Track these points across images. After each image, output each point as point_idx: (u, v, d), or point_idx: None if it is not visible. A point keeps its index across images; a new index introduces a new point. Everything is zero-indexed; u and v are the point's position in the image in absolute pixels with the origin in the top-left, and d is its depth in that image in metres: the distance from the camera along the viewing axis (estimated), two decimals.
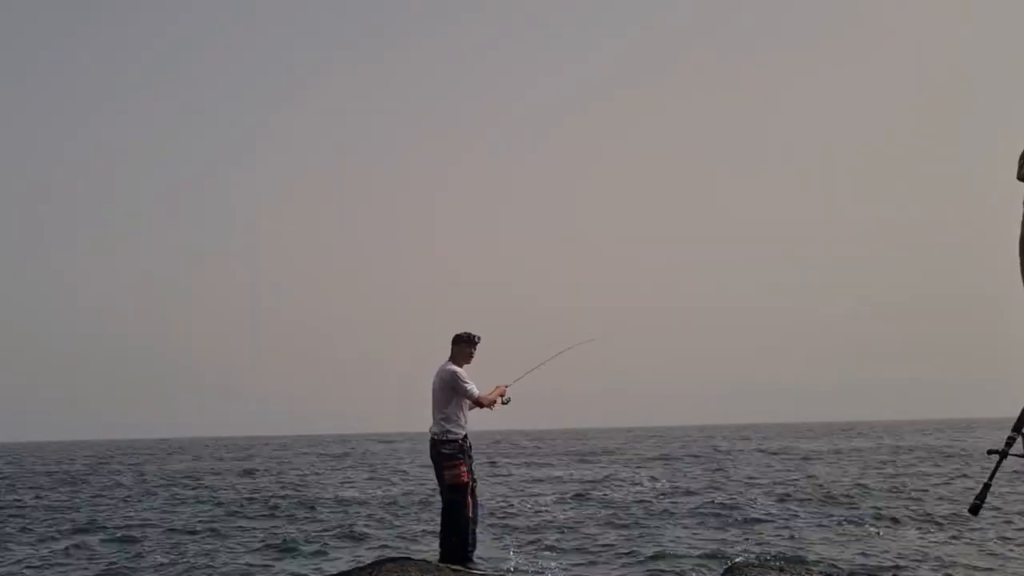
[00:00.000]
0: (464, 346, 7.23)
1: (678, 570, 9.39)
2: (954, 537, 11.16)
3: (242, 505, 17.18)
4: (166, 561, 10.76)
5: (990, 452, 3.71)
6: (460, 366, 7.16)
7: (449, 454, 6.79)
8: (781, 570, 7.34)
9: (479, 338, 7.24)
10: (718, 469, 24.80)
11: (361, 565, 7.77)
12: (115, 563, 10.73)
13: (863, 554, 9.91)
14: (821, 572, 7.49)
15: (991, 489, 3.61)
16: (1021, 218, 3.41)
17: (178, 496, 19.94)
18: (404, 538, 12.24)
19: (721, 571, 8.04)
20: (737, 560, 8.55)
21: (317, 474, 28.16)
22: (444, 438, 6.81)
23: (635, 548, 10.64)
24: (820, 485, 18.34)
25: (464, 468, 6.90)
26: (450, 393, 6.91)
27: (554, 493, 18.19)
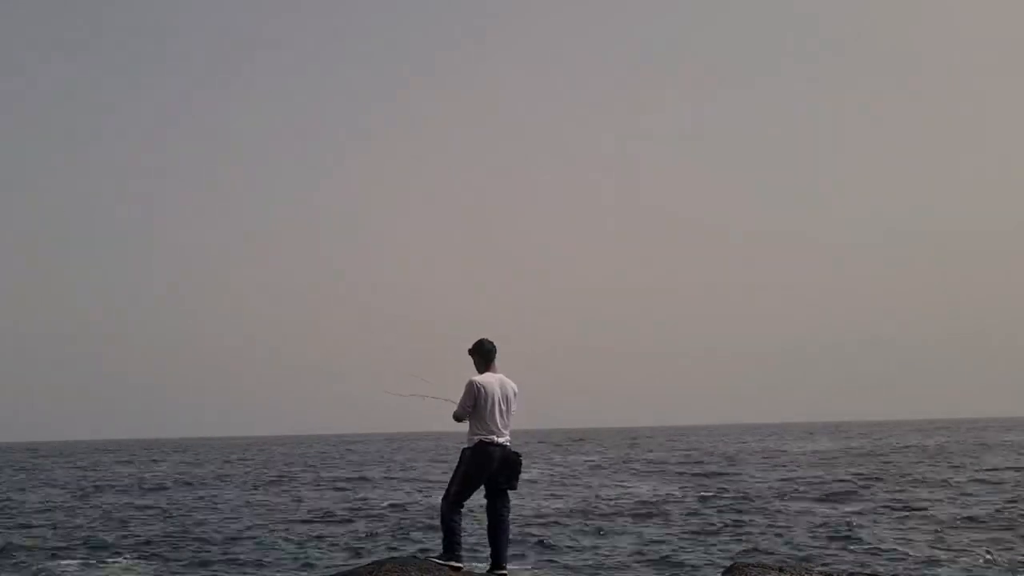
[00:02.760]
0: (473, 354, 7.17)
1: (678, 570, 9.41)
2: None
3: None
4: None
5: None
6: None
7: (522, 463, 7.00)
8: (781, 570, 7.34)
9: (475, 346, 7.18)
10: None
11: (361, 565, 7.78)
12: None
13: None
14: (821, 572, 7.49)
15: None
16: None
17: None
18: (404, 538, 12.25)
19: (721, 572, 8.04)
20: (737, 560, 8.56)
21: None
22: (514, 448, 6.98)
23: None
24: None
25: None
26: (512, 405, 7.04)
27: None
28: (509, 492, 7.00)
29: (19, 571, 10.61)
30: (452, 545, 6.86)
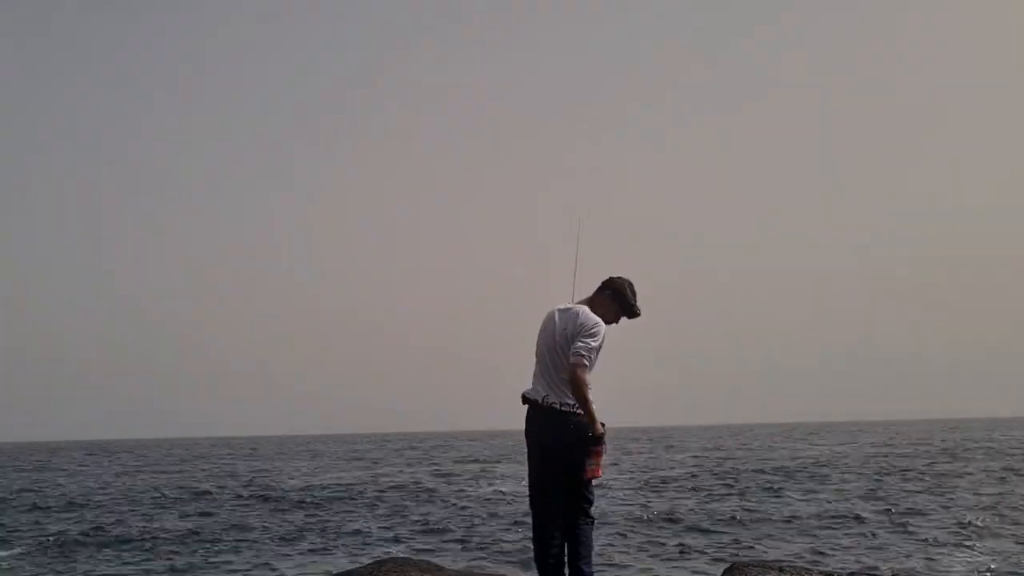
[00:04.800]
0: (612, 298, 4.76)
1: (679, 570, 9.40)
2: None
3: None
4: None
5: None
6: None
7: (593, 435, 4.49)
8: (781, 570, 7.34)
9: (636, 301, 4.79)
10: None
11: (361, 565, 7.78)
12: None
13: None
14: (821, 572, 7.48)
15: None
16: None
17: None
18: (405, 538, 12.24)
19: (720, 572, 8.04)
20: (737, 560, 8.56)
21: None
22: (576, 410, 4.50)
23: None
24: None
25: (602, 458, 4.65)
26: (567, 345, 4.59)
27: None
28: (586, 494, 4.64)
29: None
30: None
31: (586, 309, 4.67)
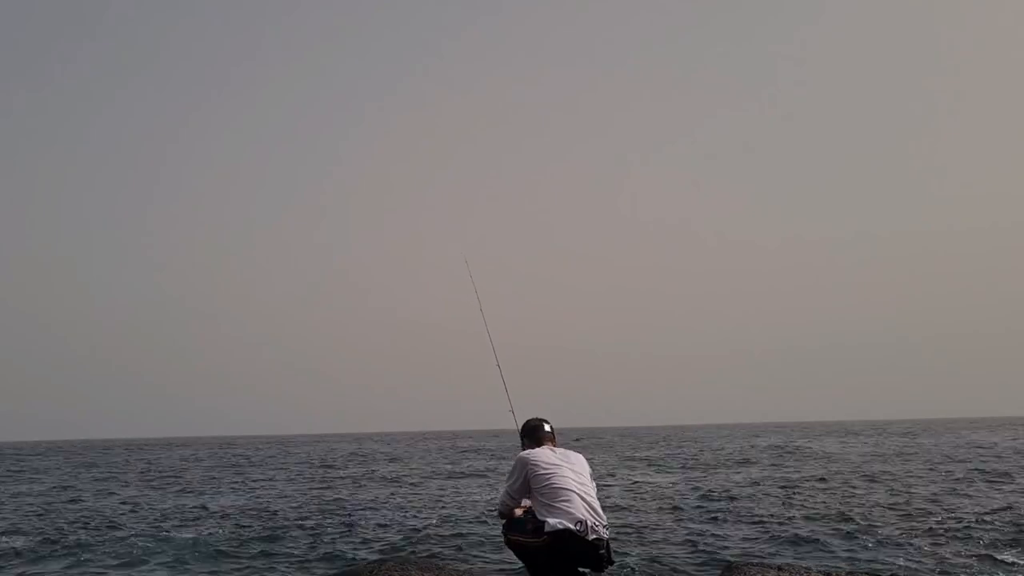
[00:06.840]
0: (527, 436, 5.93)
1: (678, 569, 9.41)
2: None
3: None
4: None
5: None
6: None
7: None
8: (780, 569, 7.36)
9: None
10: None
11: (361, 564, 7.79)
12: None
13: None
14: (821, 572, 7.49)
15: None
16: None
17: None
18: (404, 538, 12.25)
19: (720, 571, 8.05)
20: (737, 560, 8.57)
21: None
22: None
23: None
24: None
25: None
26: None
27: None
28: None
29: None
30: None
31: (569, 451, 5.74)
